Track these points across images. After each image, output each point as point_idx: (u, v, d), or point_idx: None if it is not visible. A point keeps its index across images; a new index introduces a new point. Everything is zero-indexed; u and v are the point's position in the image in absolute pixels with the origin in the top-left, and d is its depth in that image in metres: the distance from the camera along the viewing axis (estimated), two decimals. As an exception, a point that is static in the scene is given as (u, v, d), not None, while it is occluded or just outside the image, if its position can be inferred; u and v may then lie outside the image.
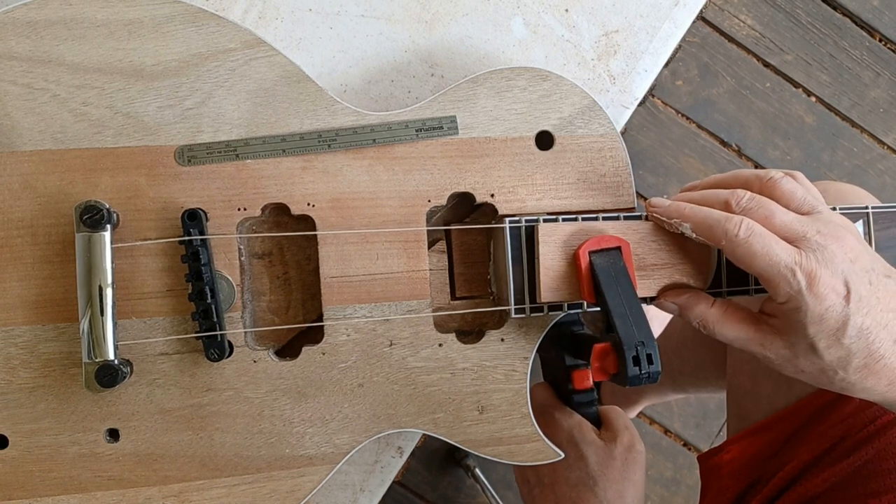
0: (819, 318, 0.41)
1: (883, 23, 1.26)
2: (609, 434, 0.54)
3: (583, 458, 0.52)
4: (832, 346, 0.42)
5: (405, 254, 0.48)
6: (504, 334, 0.50)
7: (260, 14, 0.54)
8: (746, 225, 0.42)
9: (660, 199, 0.46)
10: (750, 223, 0.42)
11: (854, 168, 1.27)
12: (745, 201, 0.43)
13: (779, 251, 0.41)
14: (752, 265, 0.42)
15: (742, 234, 0.41)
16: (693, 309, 0.45)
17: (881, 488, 0.52)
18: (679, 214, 0.44)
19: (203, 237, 0.45)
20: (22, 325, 0.45)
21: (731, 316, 0.45)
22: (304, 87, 0.47)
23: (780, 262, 0.41)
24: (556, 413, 0.55)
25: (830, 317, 0.41)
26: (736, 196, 0.44)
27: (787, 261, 0.41)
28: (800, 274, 0.40)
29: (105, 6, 0.45)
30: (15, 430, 0.45)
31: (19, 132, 0.45)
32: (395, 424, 0.48)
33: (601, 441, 0.53)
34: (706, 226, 0.43)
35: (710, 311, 0.45)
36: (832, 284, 0.41)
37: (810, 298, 0.41)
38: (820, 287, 0.40)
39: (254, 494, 0.47)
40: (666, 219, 0.45)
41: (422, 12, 0.55)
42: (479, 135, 0.49)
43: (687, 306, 0.46)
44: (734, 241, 0.41)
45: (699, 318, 0.45)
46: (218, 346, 0.45)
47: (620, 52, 0.57)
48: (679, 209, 0.45)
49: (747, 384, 0.65)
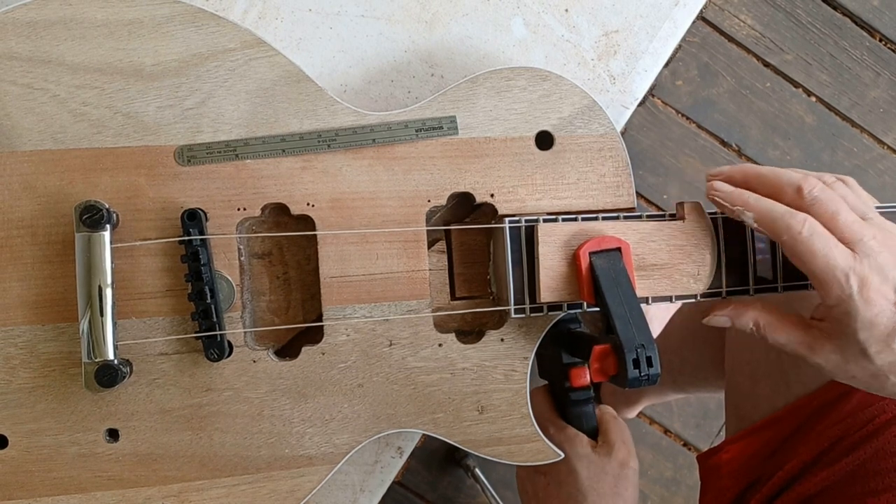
0: (869, 324, 0.41)
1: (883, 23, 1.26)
2: (604, 448, 0.54)
3: (574, 472, 0.53)
4: (883, 350, 0.42)
5: (405, 254, 0.48)
6: (504, 334, 0.50)
7: (260, 14, 0.54)
8: (809, 224, 0.42)
9: (722, 183, 0.46)
10: (812, 223, 0.42)
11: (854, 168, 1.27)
12: (817, 190, 0.43)
13: (836, 254, 0.41)
14: (808, 263, 0.42)
15: (805, 232, 0.42)
16: (744, 315, 0.46)
17: (880, 487, 0.52)
18: (743, 202, 0.44)
19: (203, 237, 0.45)
20: (22, 325, 0.45)
21: (783, 319, 0.45)
22: (303, 87, 0.47)
23: (836, 265, 0.41)
24: (550, 427, 0.55)
25: (881, 322, 0.41)
26: (809, 183, 0.43)
27: (843, 265, 0.41)
28: (853, 278, 0.41)
29: (105, 6, 0.45)
30: (15, 430, 0.45)
31: (19, 132, 0.45)
32: (394, 424, 0.48)
33: (595, 455, 0.53)
34: (769, 218, 0.43)
35: (761, 315, 0.45)
36: (883, 291, 0.41)
37: (861, 303, 0.41)
38: (871, 292, 0.41)
39: (253, 494, 0.47)
40: (728, 204, 0.45)
41: (422, 12, 0.55)
42: (479, 135, 0.49)
43: (737, 315, 0.46)
44: (796, 237, 0.42)
45: (753, 321, 0.45)
46: (217, 346, 0.45)
47: (620, 52, 0.57)
48: (743, 197, 0.44)
49: (746, 384, 0.65)
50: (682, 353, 0.88)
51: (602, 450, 0.54)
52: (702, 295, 0.49)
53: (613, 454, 0.53)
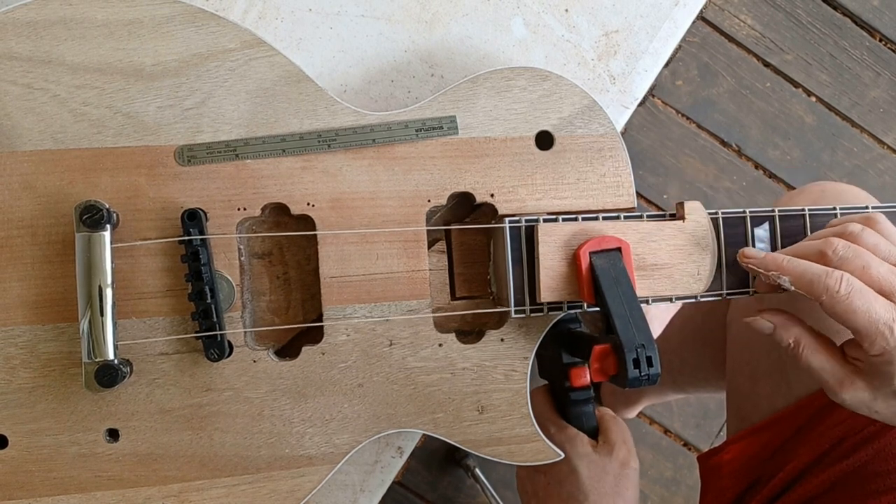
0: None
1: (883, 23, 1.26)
2: (605, 447, 0.54)
3: (575, 472, 0.53)
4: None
5: (405, 254, 0.48)
6: (504, 334, 0.50)
7: (260, 14, 0.54)
8: (847, 281, 0.42)
9: (753, 249, 0.47)
10: (850, 279, 0.42)
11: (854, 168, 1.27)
12: (840, 250, 0.44)
13: (878, 308, 0.42)
14: (851, 322, 0.42)
15: (843, 290, 0.42)
16: (790, 329, 0.46)
17: (881, 489, 0.52)
18: (777, 267, 0.45)
19: (203, 237, 0.45)
20: (22, 324, 0.45)
21: (823, 345, 0.46)
22: (303, 87, 0.47)
23: (878, 319, 0.42)
24: (551, 426, 0.55)
25: None
26: (831, 245, 0.44)
27: (886, 318, 0.42)
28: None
29: (105, 6, 0.45)
30: (15, 430, 0.45)
31: (19, 132, 0.45)
32: (394, 424, 0.48)
33: (595, 454, 0.53)
34: (806, 280, 0.43)
35: (805, 336, 0.46)
36: None
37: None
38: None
39: (253, 494, 0.47)
40: (763, 270, 0.45)
41: (422, 12, 0.55)
42: (479, 135, 0.49)
43: (784, 326, 0.46)
44: (835, 297, 0.42)
45: (795, 338, 0.46)
46: (218, 346, 0.45)
47: (620, 52, 0.57)
48: (777, 262, 0.45)
49: (746, 385, 0.65)
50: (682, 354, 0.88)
51: (603, 449, 0.54)
52: (702, 295, 0.49)
53: (614, 454, 0.53)
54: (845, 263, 0.43)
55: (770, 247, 0.49)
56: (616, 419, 0.56)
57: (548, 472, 0.55)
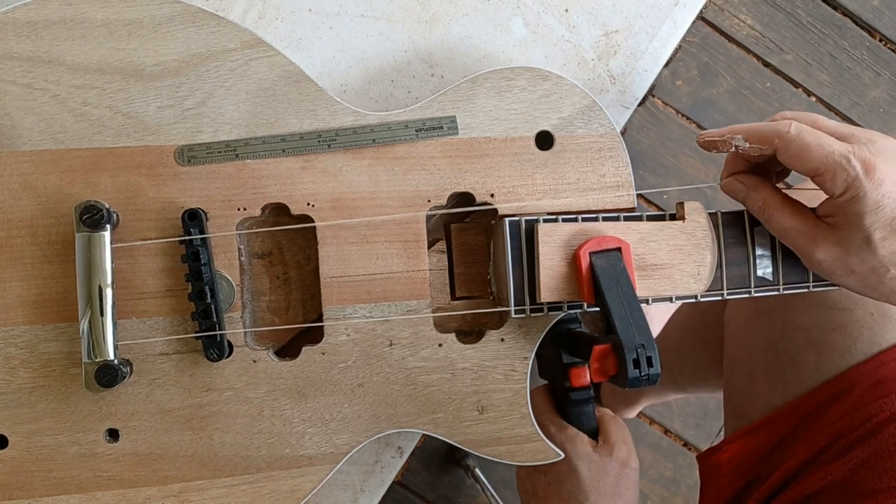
0: (876, 206, 0.42)
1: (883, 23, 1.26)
2: (605, 448, 0.54)
3: (575, 471, 0.53)
4: (887, 237, 0.43)
5: (405, 254, 0.48)
6: (504, 334, 0.50)
7: (260, 14, 0.54)
8: (796, 124, 0.43)
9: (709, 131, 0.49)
10: (799, 124, 0.43)
11: (854, 168, 1.26)
12: (789, 114, 0.46)
13: (831, 142, 0.42)
14: (807, 159, 0.43)
15: (794, 130, 0.43)
16: (759, 189, 0.47)
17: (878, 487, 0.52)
18: (731, 130, 0.46)
19: (203, 236, 0.45)
20: (22, 325, 0.45)
21: (791, 205, 0.46)
22: (303, 87, 0.47)
23: (834, 150, 0.42)
24: (552, 426, 0.55)
25: (887, 204, 0.42)
26: (780, 115, 0.46)
27: (841, 149, 0.42)
28: (854, 160, 0.41)
29: (105, 6, 0.45)
30: (15, 430, 0.45)
31: (19, 132, 0.45)
32: (395, 424, 0.48)
33: (595, 454, 0.53)
34: (758, 133, 0.44)
35: (772, 196, 0.46)
36: (887, 171, 0.41)
37: (868, 184, 0.41)
38: (877, 173, 0.41)
39: (254, 494, 0.47)
40: (718, 137, 0.46)
41: (422, 12, 0.55)
42: (479, 135, 0.49)
43: (753, 186, 0.47)
44: (786, 137, 0.43)
45: (763, 200, 0.46)
46: (218, 346, 0.45)
47: (620, 52, 0.57)
48: (731, 127, 0.46)
49: (744, 383, 0.65)
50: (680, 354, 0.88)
51: (603, 449, 0.54)
52: (702, 295, 0.49)
53: (614, 453, 0.53)
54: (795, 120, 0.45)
55: (770, 247, 0.49)
56: (616, 419, 0.56)
57: (548, 471, 0.55)
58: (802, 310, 0.58)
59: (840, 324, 0.57)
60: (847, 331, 0.56)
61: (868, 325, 0.56)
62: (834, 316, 0.57)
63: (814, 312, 0.58)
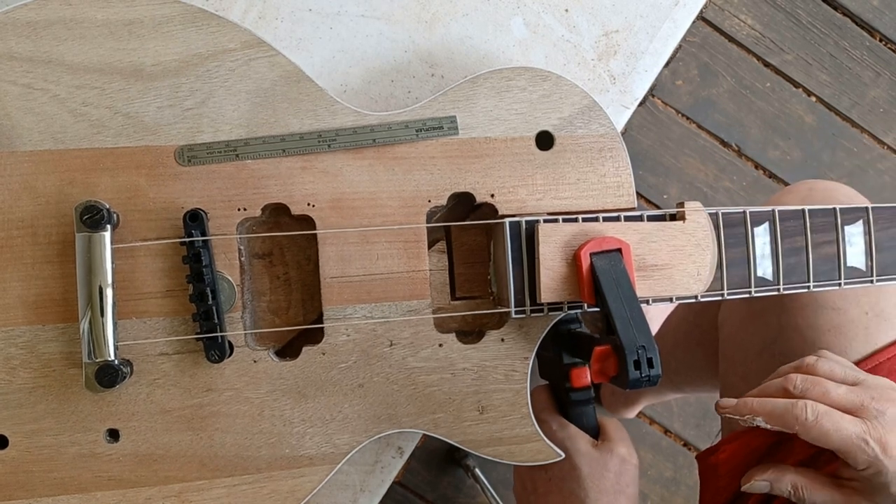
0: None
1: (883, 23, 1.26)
2: (605, 445, 0.54)
3: (575, 469, 0.53)
4: None
5: (405, 254, 0.48)
6: (504, 334, 0.50)
7: (260, 14, 0.54)
8: (812, 407, 0.46)
9: (727, 399, 0.51)
10: (814, 405, 0.46)
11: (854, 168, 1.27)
12: (800, 383, 0.48)
13: (847, 425, 0.45)
14: (827, 443, 0.45)
15: (810, 416, 0.45)
16: (783, 480, 0.50)
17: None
18: (750, 410, 0.48)
19: (204, 238, 0.45)
20: (22, 325, 0.45)
21: (818, 481, 0.49)
22: (303, 87, 0.47)
23: (851, 434, 0.45)
24: (553, 424, 0.55)
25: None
26: (791, 381, 0.48)
27: (857, 432, 0.45)
28: (872, 442, 0.45)
29: (105, 6, 0.45)
30: (15, 431, 0.45)
31: (19, 132, 0.45)
32: (395, 425, 0.48)
33: (596, 452, 0.54)
34: (776, 415, 0.47)
35: (799, 479, 0.50)
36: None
37: (887, 461, 0.45)
38: (893, 450, 0.45)
39: (254, 494, 0.47)
40: (738, 416, 0.49)
41: (422, 12, 0.55)
42: (479, 135, 0.49)
43: (776, 479, 0.50)
44: (805, 424, 0.46)
45: (792, 485, 0.50)
46: (218, 347, 0.45)
47: (620, 52, 0.57)
48: (748, 405, 0.49)
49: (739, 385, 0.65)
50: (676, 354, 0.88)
51: (603, 447, 0.54)
52: (702, 295, 0.49)
53: (615, 451, 0.53)
54: (806, 394, 0.47)
55: (770, 247, 0.49)
56: (614, 420, 0.56)
57: (549, 468, 0.55)
58: (797, 311, 0.58)
59: (835, 324, 0.57)
60: (842, 331, 0.57)
61: (863, 325, 0.56)
62: (828, 316, 0.57)
63: (808, 313, 0.58)
